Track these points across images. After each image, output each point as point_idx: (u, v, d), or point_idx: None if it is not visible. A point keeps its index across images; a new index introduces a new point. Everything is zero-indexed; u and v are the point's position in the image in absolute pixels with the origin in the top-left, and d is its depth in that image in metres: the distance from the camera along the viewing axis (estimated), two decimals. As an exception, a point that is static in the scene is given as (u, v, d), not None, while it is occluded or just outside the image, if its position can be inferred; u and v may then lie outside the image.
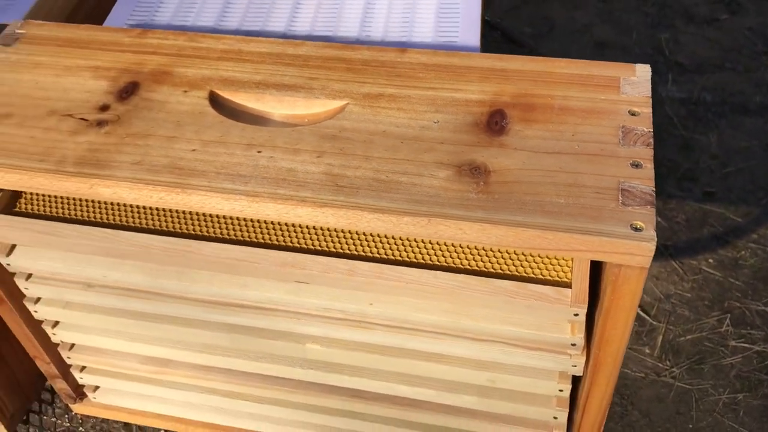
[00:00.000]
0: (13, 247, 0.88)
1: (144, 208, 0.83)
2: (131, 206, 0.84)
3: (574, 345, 0.77)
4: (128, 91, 0.81)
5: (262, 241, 0.80)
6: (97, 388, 1.10)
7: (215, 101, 0.80)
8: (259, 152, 0.73)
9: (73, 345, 1.02)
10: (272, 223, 0.80)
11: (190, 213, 0.82)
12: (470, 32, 0.97)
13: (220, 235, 0.80)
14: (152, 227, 0.82)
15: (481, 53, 0.84)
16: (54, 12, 1.14)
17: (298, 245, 0.79)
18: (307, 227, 0.80)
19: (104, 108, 0.80)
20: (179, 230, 0.81)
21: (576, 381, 0.84)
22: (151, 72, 0.84)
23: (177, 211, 0.82)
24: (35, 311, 0.94)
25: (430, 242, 0.77)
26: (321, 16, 1.03)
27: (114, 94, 0.81)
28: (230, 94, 0.81)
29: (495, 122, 0.75)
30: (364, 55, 0.83)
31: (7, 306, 0.94)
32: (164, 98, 0.80)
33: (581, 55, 1.81)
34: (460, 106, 0.77)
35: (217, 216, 0.82)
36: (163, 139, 0.76)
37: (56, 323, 0.97)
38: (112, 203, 0.84)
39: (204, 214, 0.82)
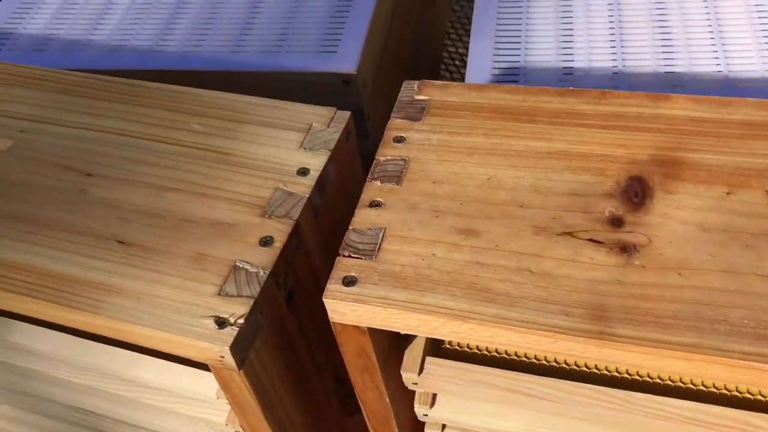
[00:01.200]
0: (435, 396, 0.66)
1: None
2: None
3: None
4: (636, 193, 0.58)
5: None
6: None
7: None
8: None
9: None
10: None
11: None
12: None
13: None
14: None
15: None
16: (373, 51, 0.91)
17: None
18: None
19: (616, 222, 0.56)
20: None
21: None
22: (652, 160, 0.60)
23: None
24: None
25: None
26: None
27: (618, 198, 0.57)
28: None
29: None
30: None
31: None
32: (694, 203, 0.56)
33: None
34: None
35: None
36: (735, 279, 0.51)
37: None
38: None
39: None
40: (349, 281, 0.55)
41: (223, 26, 0.93)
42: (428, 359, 0.63)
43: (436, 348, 0.64)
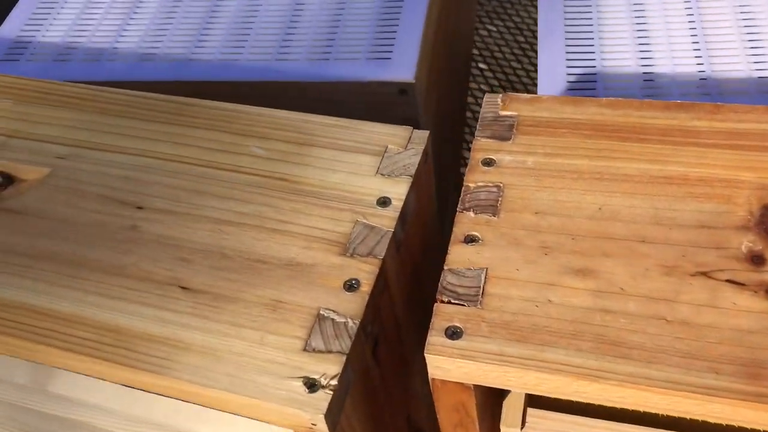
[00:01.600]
0: (536, 445, 0.59)
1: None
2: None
3: None
4: (774, 223, 0.51)
5: None
6: None
7: None
8: None
9: None
10: None
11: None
12: None
13: None
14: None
15: None
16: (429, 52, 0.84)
17: None
18: None
19: (756, 259, 0.49)
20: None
21: None
22: (786, 186, 0.53)
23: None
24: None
25: None
26: None
27: (754, 231, 0.51)
28: None
29: None
30: None
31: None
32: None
33: None
34: None
35: None
36: None
37: None
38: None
39: None
40: (453, 333, 0.48)
41: (263, 32, 0.86)
42: (530, 411, 0.56)
43: (532, 395, 0.58)
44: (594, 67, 0.75)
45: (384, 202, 0.56)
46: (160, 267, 0.54)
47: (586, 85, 0.73)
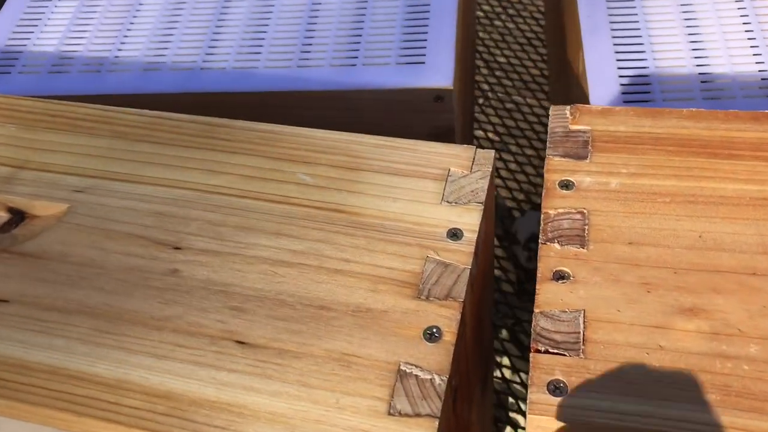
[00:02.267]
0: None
1: None
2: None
3: None
4: None
5: None
6: None
7: None
8: None
9: None
10: None
11: None
12: None
13: None
14: None
15: None
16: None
17: None
18: None
19: None
20: None
21: None
22: None
23: None
24: None
25: None
26: None
27: None
28: None
29: None
30: None
31: None
32: None
33: None
34: None
35: None
36: None
37: None
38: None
39: None
40: (556, 388, 0.43)
41: (281, 35, 0.79)
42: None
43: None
44: (646, 68, 0.70)
45: (455, 234, 0.50)
46: (210, 318, 0.48)
47: (641, 89, 0.68)
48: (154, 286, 0.50)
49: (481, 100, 1.39)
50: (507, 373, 1.08)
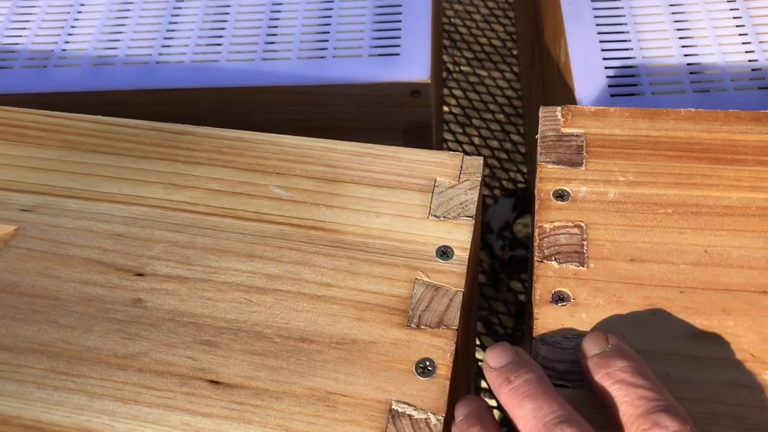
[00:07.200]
0: None
1: None
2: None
3: None
4: None
5: None
6: None
7: None
8: None
9: None
10: None
11: None
12: None
13: None
14: None
15: None
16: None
17: None
18: None
19: None
20: None
21: None
22: None
23: None
24: None
25: None
26: None
27: None
28: None
29: None
30: None
31: None
32: None
33: None
34: None
35: None
36: None
37: None
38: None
39: None
40: (561, 424, 0.40)
41: (244, 25, 0.73)
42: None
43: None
44: (633, 58, 0.66)
45: (444, 252, 0.47)
46: (179, 355, 0.43)
47: (628, 80, 0.65)
48: (115, 318, 0.45)
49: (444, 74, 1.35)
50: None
